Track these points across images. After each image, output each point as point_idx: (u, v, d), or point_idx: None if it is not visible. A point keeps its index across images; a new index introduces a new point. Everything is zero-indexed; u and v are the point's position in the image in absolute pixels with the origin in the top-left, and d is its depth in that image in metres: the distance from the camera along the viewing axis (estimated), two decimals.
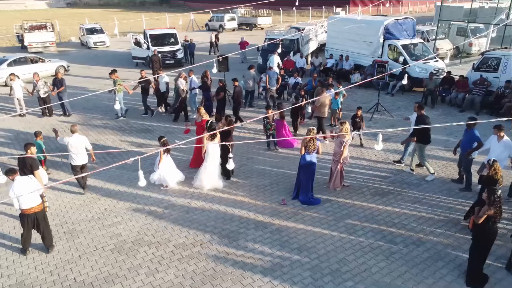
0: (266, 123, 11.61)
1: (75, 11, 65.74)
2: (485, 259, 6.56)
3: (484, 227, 6.28)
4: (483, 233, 6.36)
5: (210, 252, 7.42)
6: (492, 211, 6.17)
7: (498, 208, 6.19)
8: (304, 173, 8.92)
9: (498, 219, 6.27)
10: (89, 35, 30.82)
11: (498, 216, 6.23)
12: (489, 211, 6.18)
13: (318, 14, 47.69)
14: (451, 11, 27.63)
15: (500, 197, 6.19)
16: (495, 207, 6.17)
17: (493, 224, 6.27)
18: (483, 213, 6.22)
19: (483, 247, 6.45)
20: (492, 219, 6.23)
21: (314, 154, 8.82)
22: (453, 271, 6.82)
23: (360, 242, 7.62)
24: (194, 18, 42.15)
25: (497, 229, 6.40)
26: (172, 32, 24.21)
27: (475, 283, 6.50)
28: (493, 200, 6.17)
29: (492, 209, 6.17)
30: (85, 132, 13.42)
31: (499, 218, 6.27)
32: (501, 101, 14.03)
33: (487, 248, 6.46)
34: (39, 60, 20.71)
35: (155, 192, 9.48)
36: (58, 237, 7.92)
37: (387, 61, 16.02)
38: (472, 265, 6.57)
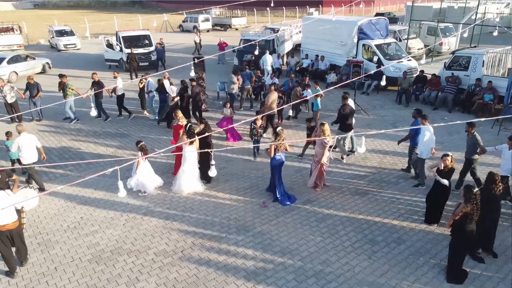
0: (252, 128, 11.07)
1: (43, 13, 63.85)
2: (464, 256, 6.69)
3: (463, 224, 6.40)
4: (461, 230, 6.47)
5: (192, 259, 7.28)
6: (468, 208, 6.30)
7: (474, 206, 6.32)
8: (277, 173, 9.04)
9: (475, 216, 6.39)
10: (59, 38, 29.89)
11: (475, 213, 6.35)
12: (465, 208, 6.31)
13: (292, 15, 48.00)
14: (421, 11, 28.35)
15: (476, 195, 6.31)
16: (472, 204, 6.29)
17: (470, 222, 6.39)
18: (460, 210, 6.35)
19: (462, 244, 6.57)
20: (469, 216, 6.35)
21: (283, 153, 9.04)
22: (433, 268, 6.93)
23: (342, 243, 7.65)
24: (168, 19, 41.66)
25: (475, 226, 6.52)
26: (146, 33, 23.79)
27: (455, 279, 6.62)
28: (469, 197, 6.29)
29: (469, 206, 6.30)
30: (58, 137, 13.00)
31: (476, 215, 6.39)
32: (472, 99, 14.44)
33: (466, 245, 6.59)
34: (28, 58, 21.77)
35: (133, 199, 9.25)
36: (32, 248, 7.59)
37: (362, 61, 16.21)
38: (451, 262, 6.69)
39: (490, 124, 12.97)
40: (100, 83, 14.10)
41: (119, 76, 14.60)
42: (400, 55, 18.57)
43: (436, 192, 8.00)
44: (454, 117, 14.21)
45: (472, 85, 14.79)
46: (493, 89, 13.98)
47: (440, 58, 23.13)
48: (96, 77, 14.21)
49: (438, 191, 7.94)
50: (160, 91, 13.95)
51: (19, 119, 14.52)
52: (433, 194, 8.08)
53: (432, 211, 8.15)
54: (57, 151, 11.98)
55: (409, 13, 25.55)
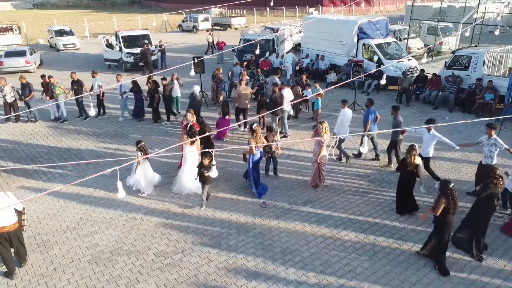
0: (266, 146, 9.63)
1: (42, 13, 63.78)
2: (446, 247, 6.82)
3: (443, 218, 6.58)
4: (442, 223, 6.65)
5: (192, 259, 7.23)
6: (444, 201, 6.45)
7: (451, 200, 6.46)
8: (256, 168, 9.28)
9: (453, 210, 6.52)
10: (58, 37, 29.81)
11: (452, 207, 6.49)
12: (442, 202, 6.47)
13: (292, 14, 47.96)
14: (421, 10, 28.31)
15: (452, 189, 6.45)
16: (448, 198, 6.44)
17: (448, 214, 6.53)
18: (440, 205, 6.51)
19: (444, 237, 6.73)
20: (448, 211, 6.50)
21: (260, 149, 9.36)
22: (435, 269, 6.88)
23: (343, 243, 7.60)
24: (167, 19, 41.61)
25: (454, 220, 6.67)
26: (145, 33, 23.74)
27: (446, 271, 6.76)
28: (445, 191, 6.46)
29: (444, 199, 6.44)
30: (57, 138, 12.95)
31: (453, 209, 6.51)
32: (473, 98, 14.39)
33: (447, 237, 6.75)
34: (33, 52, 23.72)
35: (133, 199, 9.20)
36: (31, 249, 7.54)
37: (363, 60, 16.17)
38: (440, 255, 6.81)
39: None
40: (80, 82, 14.22)
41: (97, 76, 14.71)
42: (400, 54, 18.53)
43: (404, 183, 8.31)
44: (455, 116, 14.17)
45: (473, 84, 14.75)
46: (493, 89, 13.94)
47: (440, 57, 23.09)
48: (75, 76, 14.25)
49: (406, 182, 8.28)
50: (136, 91, 14.08)
51: (17, 119, 14.48)
52: (402, 185, 8.37)
53: (403, 202, 8.45)
54: (56, 151, 11.92)
55: (409, 12, 25.50)
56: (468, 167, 10.37)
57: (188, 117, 10.21)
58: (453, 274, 6.75)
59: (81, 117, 14.68)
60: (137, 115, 14.49)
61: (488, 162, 8.54)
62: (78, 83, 14.20)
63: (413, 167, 8.05)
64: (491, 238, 7.58)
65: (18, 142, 12.67)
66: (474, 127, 12.59)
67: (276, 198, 9.18)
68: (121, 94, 14.12)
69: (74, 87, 14.19)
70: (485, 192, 6.91)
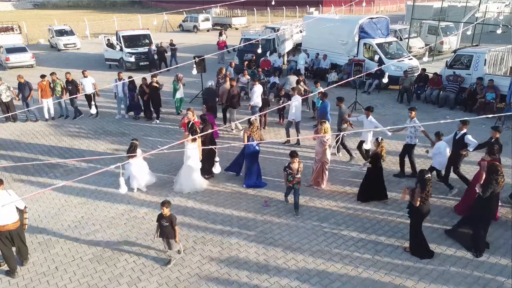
0: (288, 173, 8.43)
1: (42, 13, 63.78)
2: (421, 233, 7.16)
3: (418, 206, 6.85)
4: (416, 211, 6.95)
5: (194, 258, 7.22)
6: (421, 191, 6.75)
7: (426, 188, 6.77)
8: (251, 160, 9.50)
9: (427, 198, 6.85)
10: (59, 37, 29.82)
11: (427, 195, 6.82)
12: (419, 191, 6.75)
13: (292, 14, 47.93)
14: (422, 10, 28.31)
15: (428, 179, 6.77)
16: (423, 186, 6.74)
17: (424, 203, 6.84)
18: (418, 195, 6.76)
19: (418, 223, 7.09)
20: (422, 199, 6.79)
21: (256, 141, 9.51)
22: (438, 267, 6.87)
23: (345, 242, 7.59)
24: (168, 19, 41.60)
25: (427, 207, 6.97)
26: (146, 33, 23.75)
27: (419, 253, 7.11)
28: (422, 180, 6.76)
29: (421, 188, 6.76)
30: (58, 137, 12.94)
31: (427, 197, 6.85)
32: (474, 98, 14.38)
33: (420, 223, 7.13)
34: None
35: (134, 198, 9.19)
36: (33, 248, 7.53)
37: (364, 60, 16.16)
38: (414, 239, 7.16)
39: (493, 123, 12.90)
40: (74, 82, 14.24)
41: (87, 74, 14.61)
42: (401, 54, 18.51)
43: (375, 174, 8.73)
44: (456, 115, 14.15)
45: (474, 83, 14.73)
46: (495, 88, 13.92)
47: (441, 57, 23.08)
48: (70, 76, 14.28)
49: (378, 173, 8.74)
50: (131, 89, 14.23)
51: (14, 118, 14.45)
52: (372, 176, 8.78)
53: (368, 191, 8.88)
54: (57, 151, 11.92)
55: (410, 12, 25.48)
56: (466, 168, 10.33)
57: (189, 115, 10.23)
58: (455, 272, 6.74)
59: (76, 116, 14.71)
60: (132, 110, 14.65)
61: (409, 142, 9.76)
62: (73, 83, 14.20)
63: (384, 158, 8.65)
64: (493, 237, 7.57)
65: (19, 141, 12.66)
66: (475, 126, 12.54)
67: (277, 197, 9.16)
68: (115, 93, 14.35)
69: (68, 87, 14.20)
70: (489, 190, 6.90)
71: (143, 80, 14.03)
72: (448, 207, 8.69)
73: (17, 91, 14.35)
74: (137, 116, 14.57)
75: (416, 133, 9.76)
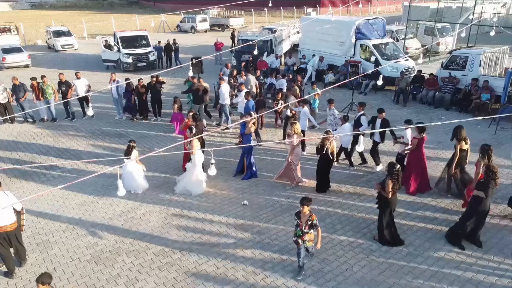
0: (296, 224, 6.59)
1: (40, 13, 63.66)
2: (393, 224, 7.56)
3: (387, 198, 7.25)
4: (385, 201, 7.32)
5: (191, 258, 7.29)
6: (390, 181, 7.09)
7: (396, 180, 7.14)
8: (250, 153, 9.96)
9: (396, 189, 7.20)
10: (56, 38, 29.81)
11: (395, 186, 7.16)
12: (389, 182, 7.08)
13: (290, 15, 48.02)
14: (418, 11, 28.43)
15: (398, 170, 7.16)
16: (393, 178, 7.09)
17: (394, 194, 7.23)
18: (388, 186, 7.11)
19: (389, 214, 7.42)
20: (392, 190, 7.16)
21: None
22: (432, 266, 6.97)
23: (341, 242, 7.68)
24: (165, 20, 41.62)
25: (396, 198, 7.40)
26: (143, 34, 23.79)
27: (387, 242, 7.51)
28: (391, 172, 7.13)
29: (391, 180, 7.10)
30: (55, 138, 12.99)
31: (396, 188, 7.20)
32: (469, 98, 14.49)
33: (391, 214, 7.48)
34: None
35: (132, 199, 9.25)
36: (31, 249, 7.59)
37: (360, 61, 16.26)
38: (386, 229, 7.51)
39: (487, 124, 13.03)
40: (68, 83, 14.28)
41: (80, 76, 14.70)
42: (398, 55, 18.62)
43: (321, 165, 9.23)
44: (452, 116, 14.27)
45: (469, 84, 14.85)
46: (490, 89, 14.04)
47: (437, 58, 23.20)
48: (63, 77, 14.34)
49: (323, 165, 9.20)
50: (127, 90, 14.32)
51: (12, 120, 14.47)
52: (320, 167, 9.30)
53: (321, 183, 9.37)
54: (55, 152, 11.97)
55: (406, 13, 25.60)
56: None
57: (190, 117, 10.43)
58: (448, 272, 6.84)
59: (69, 118, 14.75)
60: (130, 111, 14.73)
61: (332, 129, 10.53)
62: (66, 84, 14.25)
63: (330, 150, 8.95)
64: (486, 237, 7.67)
65: (17, 142, 12.71)
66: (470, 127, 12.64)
67: (273, 197, 9.25)
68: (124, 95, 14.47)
69: (61, 88, 14.25)
70: (490, 190, 7.06)
71: (139, 81, 14.10)
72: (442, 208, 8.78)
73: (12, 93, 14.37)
74: (135, 118, 14.63)
75: (336, 121, 10.94)
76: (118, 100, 14.65)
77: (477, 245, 7.42)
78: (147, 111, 14.65)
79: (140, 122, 14.47)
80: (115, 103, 14.81)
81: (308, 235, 6.49)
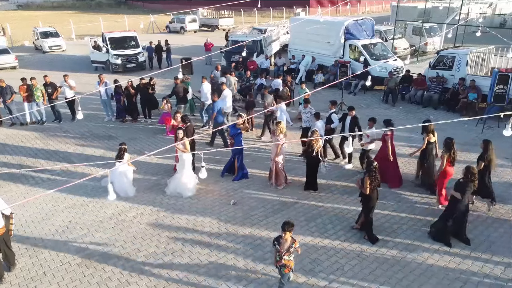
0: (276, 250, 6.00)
1: (27, 14, 62.86)
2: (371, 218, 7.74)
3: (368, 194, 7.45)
4: (367, 198, 7.54)
5: (183, 260, 7.29)
6: (368, 178, 7.32)
7: (373, 177, 7.36)
8: (241, 154, 10.03)
9: (375, 185, 7.43)
10: (44, 39, 29.47)
11: (374, 183, 7.39)
12: (367, 179, 7.32)
13: (279, 15, 48.11)
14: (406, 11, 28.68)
15: (375, 168, 7.39)
16: (371, 175, 7.33)
17: (373, 191, 7.45)
18: (366, 183, 7.33)
19: (369, 209, 7.62)
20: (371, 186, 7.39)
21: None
22: (421, 265, 7.06)
23: (332, 242, 7.73)
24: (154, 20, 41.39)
25: (376, 193, 7.61)
26: (132, 35, 23.65)
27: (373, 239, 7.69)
28: (369, 169, 7.39)
29: (369, 177, 7.32)
30: (44, 141, 12.86)
31: (375, 184, 7.42)
32: (456, 98, 14.69)
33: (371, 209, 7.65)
34: None
35: (122, 201, 9.20)
36: (20, 253, 7.51)
37: (349, 61, 16.37)
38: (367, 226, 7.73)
39: (474, 123, 13.22)
40: (53, 85, 14.16)
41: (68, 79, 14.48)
42: (386, 55, 18.78)
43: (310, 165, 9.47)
44: (440, 115, 14.45)
45: (457, 84, 15.05)
46: (476, 88, 14.25)
47: (425, 57, 23.45)
48: (48, 79, 14.19)
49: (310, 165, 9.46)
50: (117, 92, 14.29)
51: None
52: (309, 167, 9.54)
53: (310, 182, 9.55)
54: (44, 155, 11.84)
55: (394, 13, 25.83)
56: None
57: (178, 118, 10.37)
58: (438, 269, 6.94)
59: (57, 120, 14.62)
60: (118, 116, 14.70)
61: (306, 126, 11.30)
62: (52, 85, 14.11)
63: (317, 150, 9.12)
64: (473, 234, 7.80)
65: (4, 145, 12.55)
66: (457, 126, 12.83)
67: (265, 197, 9.28)
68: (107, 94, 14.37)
69: (47, 90, 14.08)
70: (469, 192, 7.23)
71: (129, 82, 14.05)
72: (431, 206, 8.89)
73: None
74: (124, 119, 14.56)
75: (311, 118, 11.28)
76: (107, 101, 14.56)
77: (464, 242, 7.54)
78: (137, 112, 14.59)
79: (130, 124, 14.39)
80: (104, 105, 14.72)
81: (287, 261, 5.86)
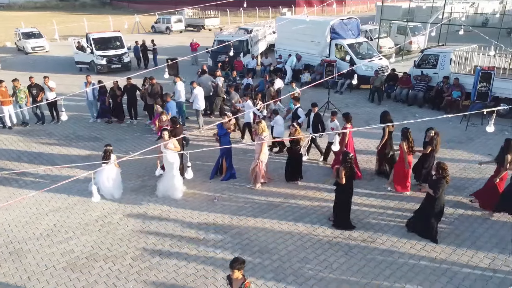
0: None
1: (8, 14, 61.70)
2: (349, 210, 8.08)
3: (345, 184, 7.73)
4: (342, 188, 7.81)
5: (170, 261, 7.22)
6: (344, 169, 7.59)
7: (348, 168, 7.65)
8: (229, 154, 10.03)
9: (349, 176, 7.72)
10: (26, 40, 28.96)
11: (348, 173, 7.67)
12: (343, 170, 7.58)
13: (265, 15, 48.15)
14: (391, 10, 28.98)
15: (351, 159, 7.74)
16: (347, 166, 7.61)
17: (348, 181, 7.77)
18: (341, 173, 7.61)
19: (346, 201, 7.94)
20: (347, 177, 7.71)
21: None
22: (408, 261, 7.12)
23: (320, 240, 7.75)
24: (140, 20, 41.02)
25: (352, 185, 7.91)
26: (117, 35, 23.39)
27: (342, 227, 8.02)
28: (345, 160, 7.65)
29: (344, 168, 7.59)
30: (27, 143, 12.62)
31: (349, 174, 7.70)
32: (441, 96, 14.89)
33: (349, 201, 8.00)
34: None
35: (108, 203, 9.09)
36: (3, 258, 7.35)
37: (335, 60, 16.46)
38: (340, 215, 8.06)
39: (459, 120, 13.42)
40: (38, 86, 13.96)
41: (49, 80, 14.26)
42: (372, 54, 18.93)
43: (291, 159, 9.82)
44: (425, 113, 14.63)
45: (441, 82, 15.25)
46: (460, 86, 14.46)
47: (410, 56, 23.72)
48: (33, 80, 13.99)
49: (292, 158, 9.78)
50: (102, 93, 14.15)
51: None
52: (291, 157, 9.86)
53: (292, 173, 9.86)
54: (27, 157, 11.62)
55: (379, 12, 26.07)
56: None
57: (164, 119, 10.26)
58: (424, 265, 7.01)
59: (40, 122, 14.40)
60: (102, 116, 14.55)
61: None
62: (37, 87, 13.89)
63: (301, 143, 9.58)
64: (460, 230, 7.91)
65: None
66: (442, 123, 13.00)
67: (253, 197, 9.26)
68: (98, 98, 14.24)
69: (32, 91, 13.83)
70: (441, 189, 7.35)
71: (115, 83, 13.90)
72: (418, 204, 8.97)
73: None
74: (110, 121, 14.39)
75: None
76: (92, 102, 14.37)
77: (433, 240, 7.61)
78: (123, 113, 14.43)
79: (115, 125, 14.22)
80: (89, 106, 14.52)
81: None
